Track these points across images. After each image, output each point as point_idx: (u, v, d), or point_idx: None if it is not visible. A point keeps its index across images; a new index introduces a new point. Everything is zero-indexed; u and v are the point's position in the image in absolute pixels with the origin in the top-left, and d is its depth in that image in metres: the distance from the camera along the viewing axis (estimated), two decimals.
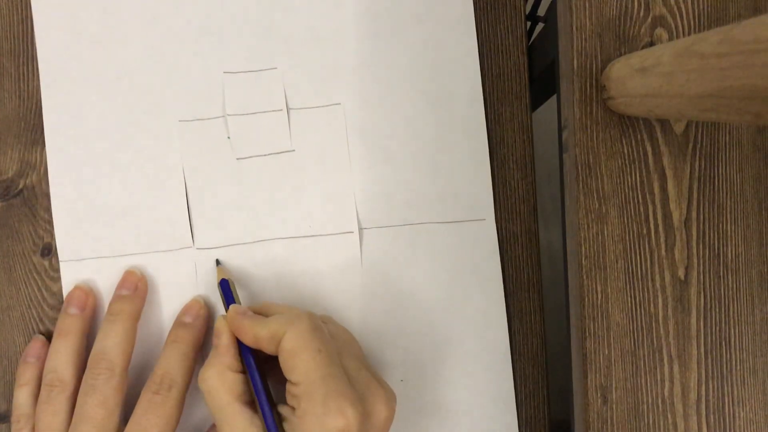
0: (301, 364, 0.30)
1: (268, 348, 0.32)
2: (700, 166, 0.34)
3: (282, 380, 0.33)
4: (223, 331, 0.34)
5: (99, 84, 0.39)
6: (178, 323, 0.37)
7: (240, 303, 0.36)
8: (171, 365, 0.35)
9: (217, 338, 0.34)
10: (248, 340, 0.33)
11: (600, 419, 0.34)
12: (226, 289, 0.36)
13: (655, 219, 0.34)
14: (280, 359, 0.31)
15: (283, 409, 0.32)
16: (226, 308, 0.35)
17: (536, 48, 0.44)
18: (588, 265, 0.34)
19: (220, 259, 0.39)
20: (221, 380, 0.32)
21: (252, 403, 0.32)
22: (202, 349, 0.38)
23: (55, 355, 0.36)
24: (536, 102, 0.56)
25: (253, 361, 0.33)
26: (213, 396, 0.32)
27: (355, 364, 0.32)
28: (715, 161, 0.34)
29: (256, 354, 0.33)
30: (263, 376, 0.33)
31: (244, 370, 0.33)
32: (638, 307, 0.34)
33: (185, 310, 0.38)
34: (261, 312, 0.35)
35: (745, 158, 0.34)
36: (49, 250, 0.39)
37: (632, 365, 0.34)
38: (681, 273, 0.34)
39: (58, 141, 0.39)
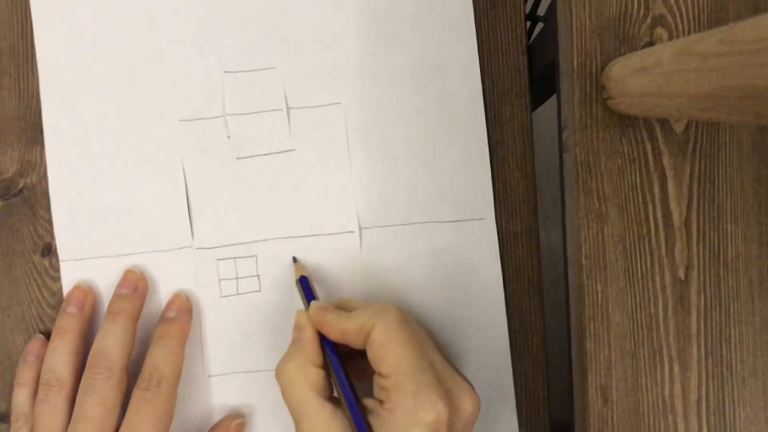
0: (391, 356, 0.30)
1: (355, 341, 0.32)
2: (700, 166, 0.34)
3: (360, 376, 0.33)
4: (306, 325, 0.34)
5: (99, 83, 0.39)
6: (163, 319, 0.37)
7: (319, 299, 0.36)
8: (158, 361, 0.35)
9: (298, 332, 0.34)
10: (334, 335, 0.33)
11: (600, 419, 0.34)
12: (306, 285, 0.36)
13: (655, 219, 0.34)
14: (369, 352, 0.31)
15: (368, 402, 0.32)
16: (306, 304, 0.35)
17: (536, 48, 0.44)
18: (588, 265, 0.34)
19: (297, 257, 0.39)
20: (302, 374, 0.32)
21: (332, 399, 0.32)
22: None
23: (52, 354, 0.36)
24: (536, 102, 0.56)
25: (337, 355, 0.33)
26: (293, 389, 0.32)
27: (439, 358, 0.32)
28: (715, 161, 0.34)
29: (337, 349, 0.33)
30: (346, 370, 0.33)
31: (324, 365, 0.33)
32: (638, 307, 0.34)
33: (168, 306, 0.38)
34: (341, 307, 0.35)
35: (745, 158, 0.34)
36: (49, 250, 0.39)
37: (632, 366, 0.34)
38: (681, 273, 0.34)
39: (58, 140, 0.39)
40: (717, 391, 0.34)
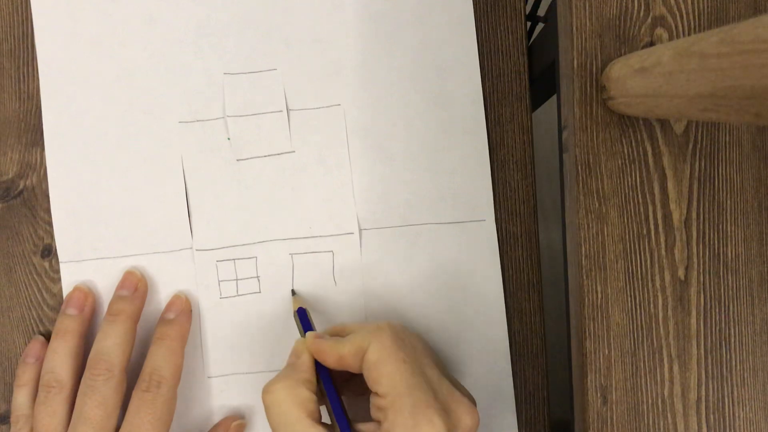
0: (386, 375, 0.30)
1: (352, 364, 0.32)
2: (700, 166, 0.34)
3: (356, 399, 0.33)
4: (303, 351, 0.34)
5: (99, 85, 0.39)
6: (162, 320, 0.37)
7: (316, 330, 0.35)
8: (158, 362, 0.35)
9: (295, 357, 0.34)
10: (332, 361, 0.32)
11: (600, 419, 0.34)
12: (303, 317, 0.36)
13: (655, 219, 0.34)
14: (365, 372, 0.31)
15: (364, 427, 0.31)
16: (303, 335, 0.35)
17: (536, 48, 0.44)
18: (588, 265, 0.34)
19: (296, 289, 0.39)
20: (292, 393, 0.31)
21: (322, 424, 0.31)
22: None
23: (52, 356, 0.36)
24: (536, 102, 0.56)
25: (332, 383, 0.33)
26: (279, 409, 0.31)
27: (435, 373, 0.32)
28: (715, 161, 0.34)
29: (333, 376, 0.33)
30: (341, 398, 0.33)
31: (318, 392, 0.33)
32: (638, 308, 0.34)
33: (168, 307, 0.38)
34: (336, 334, 0.35)
35: (745, 158, 0.34)
36: (49, 251, 0.39)
37: (632, 365, 0.34)
38: (681, 273, 0.34)
39: (58, 142, 0.39)
40: (717, 391, 0.34)
